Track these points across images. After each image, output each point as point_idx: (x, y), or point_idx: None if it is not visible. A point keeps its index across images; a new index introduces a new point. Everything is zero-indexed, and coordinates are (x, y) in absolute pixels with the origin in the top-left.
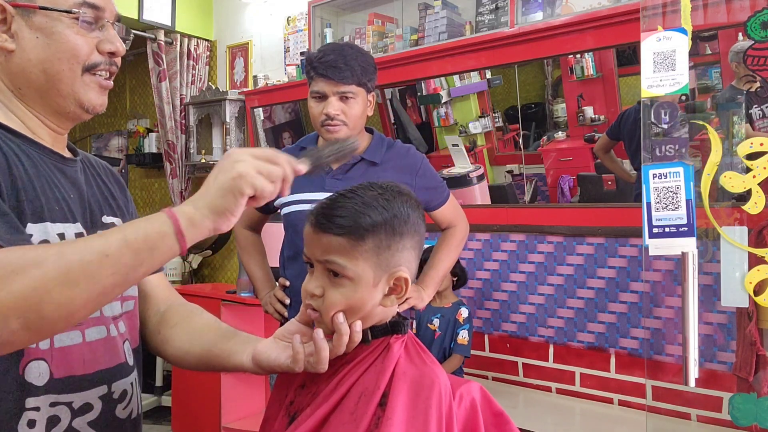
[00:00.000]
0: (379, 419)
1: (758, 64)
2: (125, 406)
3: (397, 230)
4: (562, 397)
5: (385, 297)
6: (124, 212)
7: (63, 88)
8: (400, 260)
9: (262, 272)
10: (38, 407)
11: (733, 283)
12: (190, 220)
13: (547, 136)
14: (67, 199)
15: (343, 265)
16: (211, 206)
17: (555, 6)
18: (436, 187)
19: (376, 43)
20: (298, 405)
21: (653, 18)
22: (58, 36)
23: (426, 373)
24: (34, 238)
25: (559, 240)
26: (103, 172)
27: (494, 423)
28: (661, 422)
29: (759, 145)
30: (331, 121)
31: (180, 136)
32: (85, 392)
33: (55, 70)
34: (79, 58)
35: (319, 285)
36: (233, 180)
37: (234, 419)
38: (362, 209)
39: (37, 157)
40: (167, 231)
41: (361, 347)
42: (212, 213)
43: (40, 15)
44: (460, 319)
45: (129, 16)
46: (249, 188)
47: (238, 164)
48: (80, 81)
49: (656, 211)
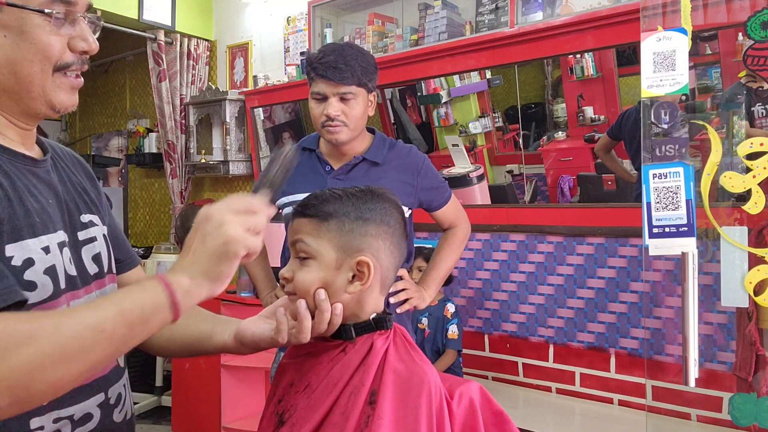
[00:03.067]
0: (369, 417)
1: (758, 64)
2: (121, 409)
3: (361, 216)
4: (562, 397)
5: (349, 283)
6: (98, 206)
7: (34, 89)
8: (362, 245)
9: (264, 272)
10: (42, 426)
11: (733, 283)
12: (187, 292)
13: (547, 136)
14: (46, 206)
15: (308, 243)
16: (206, 274)
17: (555, 6)
18: (438, 188)
19: (376, 43)
20: (286, 403)
21: (653, 18)
22: (28, 35)
23: (416, 372)
24: (15, 259)
25: (559, 240)
26: (71, 163)
27: (494, 423)
28: (661, 422)
29: (759, 145)
30: (331, 122)
31: (180, 136)
32: (84, 402)
33: (26, 72)
34: (51, 59)
35: (290, 269)
36: (225, 246)
37: (234, 419)
38: (331, 197)
39: (9, 164)
40: (163, 303)
41: (346, 344)
42: (208, 281)
43: (8, 12)
44: (447, 315)
45: (129, 16)
46: (243, 250)
47: (225, 227)
48: (51, 81)
49: (656, 211)
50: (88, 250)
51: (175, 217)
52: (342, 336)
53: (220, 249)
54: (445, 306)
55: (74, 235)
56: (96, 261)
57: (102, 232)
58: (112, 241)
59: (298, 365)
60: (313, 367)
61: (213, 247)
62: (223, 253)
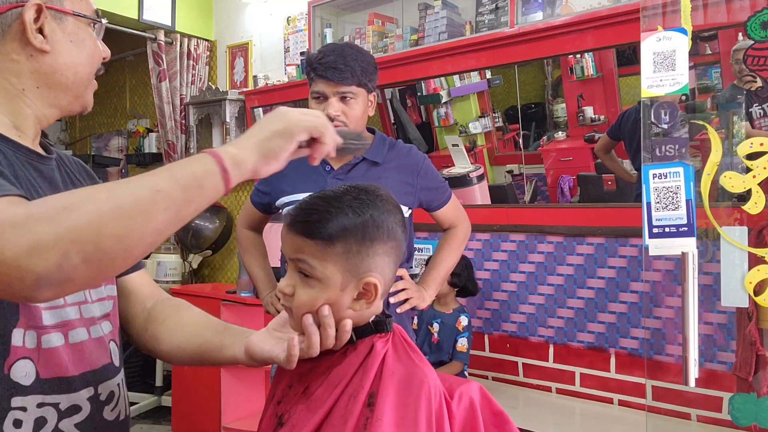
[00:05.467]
0: (368, 419)
1: (758, 64)
2: (113, 407)
3: (368, 236)
4: (562, 397)
5: (354, 301)
6: None
7: (81, 90)
8: (370, 266)
9: (264, 272)
10: (25, 407)
11: (733, 283)
12: (234, 159)
13: (547, 136)
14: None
15: (313, 266)
16: (258, 147)
17: (555, 6)
18: (438, 188)
19: (376, 43)
20: (286, 405)
21: (653, 18)
22: (85, 42)
23: (415, 373)
24: None
25: (559, 240)
26: (77, 169)
27: (494, 422)
28: (661, 422)
29: (759, 145)
30: (331, 122)
31: (180, 136)
32: (72, 394)
33: (83, 74)
34: (96, 64)
35: (290, 284)
36: (285, 124)
37: (234, 419)
38: (334, 214)
39: (13, 156)
40: (212, 169)
41: (347, 347)
42: (258, 152)
43: (72, 20)
44: (459, 327)
45: (129, 16)
46: (303, 133)
47: (289, 114)
48: (91, 83)
49: (656, 211)
50: None
51: None
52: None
53: (277, 125)
54: (459, 318)
55: None
56: None
57: None
58: None
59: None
60: (313, 369)
61: (271, 124)
62: (281, 130)
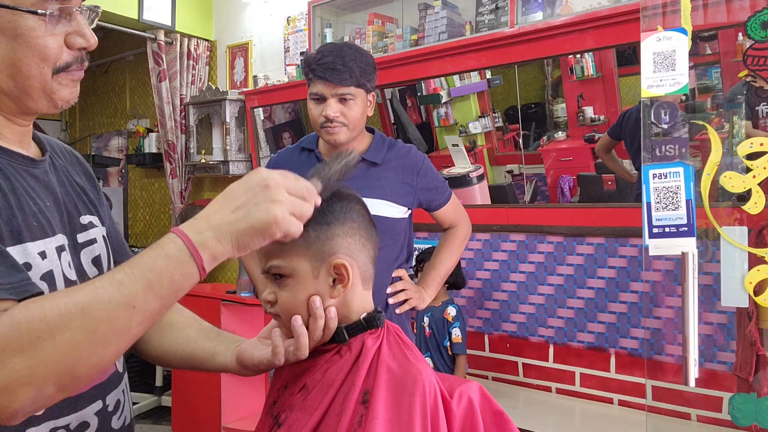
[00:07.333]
0: (363, 417)
1: (758, 64)
2: (119, 416)
3: (322, 221)
4: (562, 397)
5: (331, 288)
6: (97, 206)
7: (33, 92)
8: (333, 247)
9: None
10: None
11: (733, 283)
12: (212, 255)
13: (547, 136)
14: (44, 209)
15: (279, 265)
16: (234, 238)
17: (555, 6)
18: (438, 187)
19: (376, 43)
20: (281, 405)
21: (653, 18)
22: (23, 38)
23: (409, 371)
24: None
25: (559, 240)
26: (70, 162)
27: (494, 422)
28: (661, 422)
29: (759, 145)
30: (330, 123)
31: (180, 136)
32: (81, 411)
33: (25, 75)
34: (49, 62)
35: (270, 291)
36: (267, 224)
37: (234, 419)
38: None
39: (7, 165)
40: (192, 272)
41: (340, 347)
42: (233, 246)
43: (1, 14)
44: (448, 318)
45: (129, 16)
46: (281, 234)
47: (275, 206)
48: (50, 82)
49: (656, 211)
50: (88, 252)
51: (175, 217)
52: (335, 340)
53: (261, 225)
54: (446, 309)
55: (74, 238)
56: (96, 264)
57: (102, 233)
58: (111, 244)
59: (293, 367)
60: (309, 369)
61: (255, 219)
62: (263, 230)
